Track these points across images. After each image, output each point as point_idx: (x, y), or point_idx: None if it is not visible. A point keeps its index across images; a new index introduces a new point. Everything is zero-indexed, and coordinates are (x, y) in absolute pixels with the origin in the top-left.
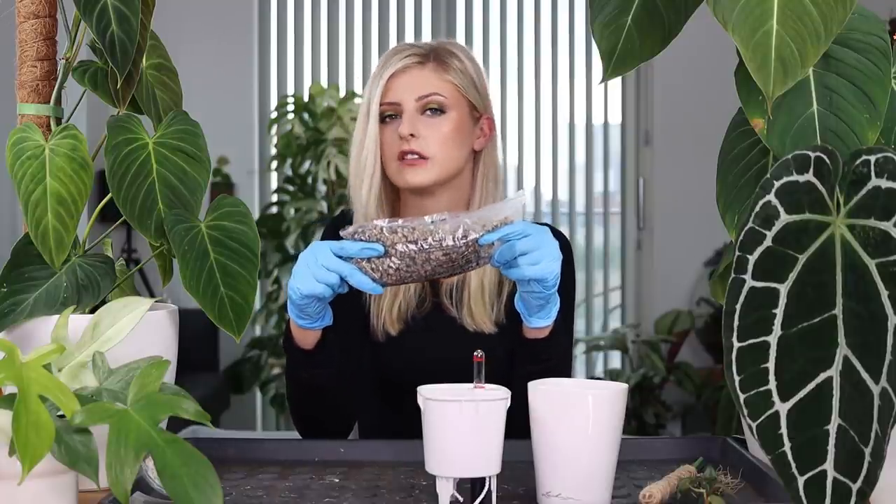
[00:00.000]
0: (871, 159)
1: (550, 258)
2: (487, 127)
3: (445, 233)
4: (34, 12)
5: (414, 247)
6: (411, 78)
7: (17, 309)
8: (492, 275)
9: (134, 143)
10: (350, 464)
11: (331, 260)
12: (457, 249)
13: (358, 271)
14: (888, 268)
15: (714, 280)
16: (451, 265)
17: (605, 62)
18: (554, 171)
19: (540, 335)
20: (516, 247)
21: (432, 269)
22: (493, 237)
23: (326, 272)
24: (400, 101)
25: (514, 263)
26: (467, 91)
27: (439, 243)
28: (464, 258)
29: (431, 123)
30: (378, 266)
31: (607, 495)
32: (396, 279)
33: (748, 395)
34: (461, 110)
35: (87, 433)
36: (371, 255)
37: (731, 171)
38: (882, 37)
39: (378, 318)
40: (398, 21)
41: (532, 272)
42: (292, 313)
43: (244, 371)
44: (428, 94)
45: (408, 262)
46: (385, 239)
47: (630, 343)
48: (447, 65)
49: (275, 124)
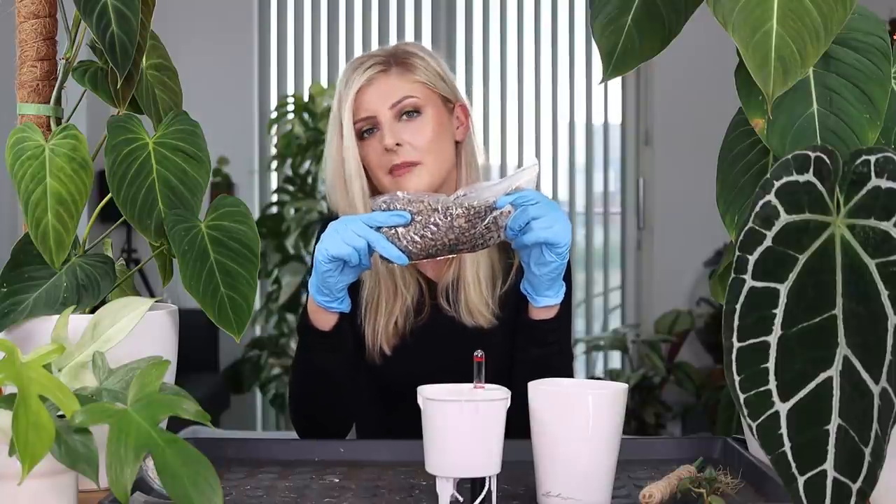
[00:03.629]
0: (871, 159)
1: (563, 223)
2: (463, 114)
3: (468, 200)
4: (34, 12)
5: (439, 215)
6: (379, 87)
7: (17, 309)
8: (486, 267)
9: (134, 143)
10: (350, 464)
11: (360, 227)
12: (479, 215)
13: (385, 239)
14: (888, 268)
15: (714, 280)
16: (473, 233)
17: (605, 62)
18: (554, 171)
19: (547, 315)
20: (529, 211)
21: (455, 238)
22: (508, 199)
23: (355, 236)
24: (374, 113)
25: (527, 228)
26: (436, 85)
27: (463, 210)
28: (485, 227)
29: (411, 127)
30: (404, 235)
31: (607, 495)
32: (421, 248)
33: (748, 395)
34: (436, 106)
35: (87, 433)
36: (398, 223)
37: (731, 171)
38: (882, 37)
39: (375, 338)
40: (398, 21)
41: (546, 234)
42: (313, 288)
43: (244, 371)
44: (400, 99)
45: (433, 229)
46: (412, 207)
47: (630, 343)
48: (410, 65)
49: (275, 124)
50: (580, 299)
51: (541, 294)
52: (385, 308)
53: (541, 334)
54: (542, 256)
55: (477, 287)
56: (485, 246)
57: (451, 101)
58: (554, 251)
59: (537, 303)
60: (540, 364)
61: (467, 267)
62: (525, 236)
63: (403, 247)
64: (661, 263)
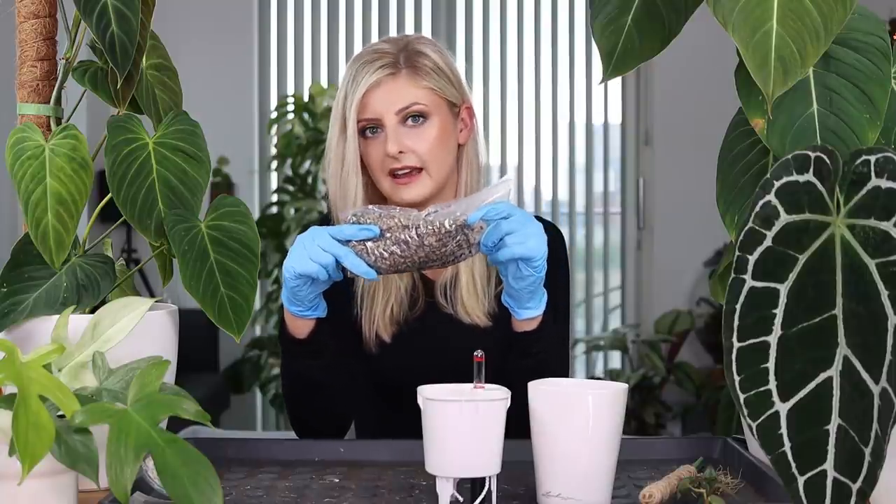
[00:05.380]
0: (871, 159)
1: (537, 237)
2: (468, 116)
3: (439, 218)
4: (34, 12)
5: (410, 231)
6: (387, 91)
7: (17, 309)
8: (481, 267)
9: (134, 143)
10: (350, 464)
11: (327, 241)
12: (449, 234)
13: (353, 254)
14: (888, 268)
15: (714, 280)
16: (444, 251)
17: (605, 62)
18: (554, 171)
19: (529, 327)
20: (502, 226)
21: (426, 256)
22: (478, 215)
23: (322, 252)
24: (380, 115)
25: (501, 244)
26: (444, 91)
27: (433, 228)
28: (456, 244)
29: (416, 133)
30: (373, 250)
31: (607, 495)
32: (391, 264)
33: (748, 395)
34: (442, 113)
35: (87, 433)
36: (367, 237)
37: (731, 171)
38: (882, 37)
39: (371, 325)
40: (398, 21)
41: (521, 251)
42: (285, 298)
43: (244, 371)
44: (407, 105)
45: (402, 247)
46: (382, 223)
47: (630, 343)
48: (420, 69)
49: (275, 124)
50: (580, 299)
51: (522, 307)
52: (382, 296)
53: (525, 345)
54: (519, 271)
55: (472, 287)
56: (456, 262)
57: (458, 104)
58: (530, 265)
59: (519, 315)
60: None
61: (462, 268)
62: (499, 252)
63: (372, 262)
64: (661, 263)
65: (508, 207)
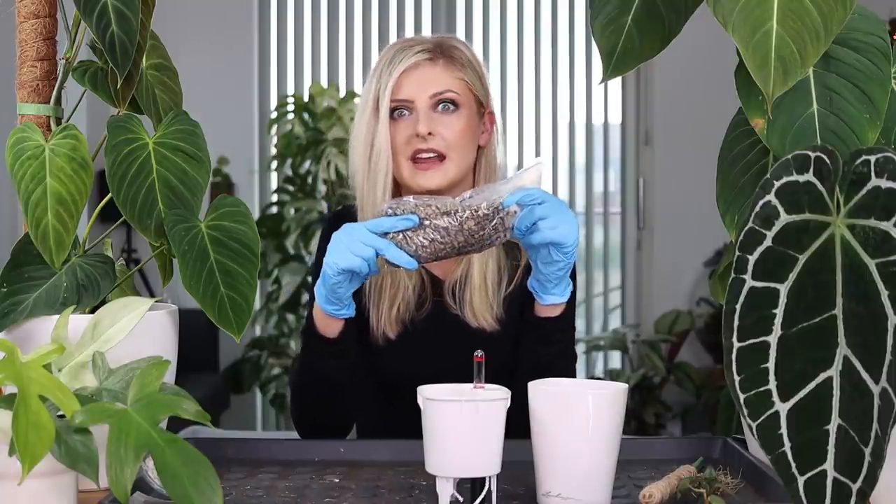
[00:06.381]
0: (871, 159)
1: (569, 223)
2: (489, 121)
3: (475, 202)
4: (34, 12)
5: (448, 217)
6: (423, 75)
7: (17, 309)
8: (493, 268)
9: (134, 143)
10: (350, 464)
11: (367, 235)
12: (487, 217)
13: (394, 245)
14: (888, 268)
15: (714, 280)
16: (481, 234)
17: (605, 62)
18: (554, 171)
19: (553, 313)
20: (536, 211)
21: (465, 241)
22: (514, 199)
23: (363, 246)
24: (413, 98)
25: (534, 228)
26: (475, 86)
27: (471, 212)
28: (493, 227)
29: (445, 121)
30: (413, 239)
31: (607, 495)
32: (431, 252)
33: (748, 395)
34: (470, 107)
35: (87, 433)
36: (407, 227)
37: (731, 171)
38: (882, 37)
39: (378, 322)
40: (398, 21)
41: (553, 235)
42: (321, 298)
43: (244, 371)
44: (442, 91)
45: (442, 233)
46: (419, 212)
47: (630, 343)
48: (456, 60)
49: (275, 124)
50: (580, 299)
51: (547, 292)
52: (389, 292)
53: (546, 333)
54: (549, 256)
55: (483, 290)
56: (491, 246)
57: (483, 105)
58: (561, 251)
59: (543, 300)
60: (543, 363)
61: (475, 268)
62: (532, 236)
63: (413, 251)
64: (661, 263)
65: (542, 194)
